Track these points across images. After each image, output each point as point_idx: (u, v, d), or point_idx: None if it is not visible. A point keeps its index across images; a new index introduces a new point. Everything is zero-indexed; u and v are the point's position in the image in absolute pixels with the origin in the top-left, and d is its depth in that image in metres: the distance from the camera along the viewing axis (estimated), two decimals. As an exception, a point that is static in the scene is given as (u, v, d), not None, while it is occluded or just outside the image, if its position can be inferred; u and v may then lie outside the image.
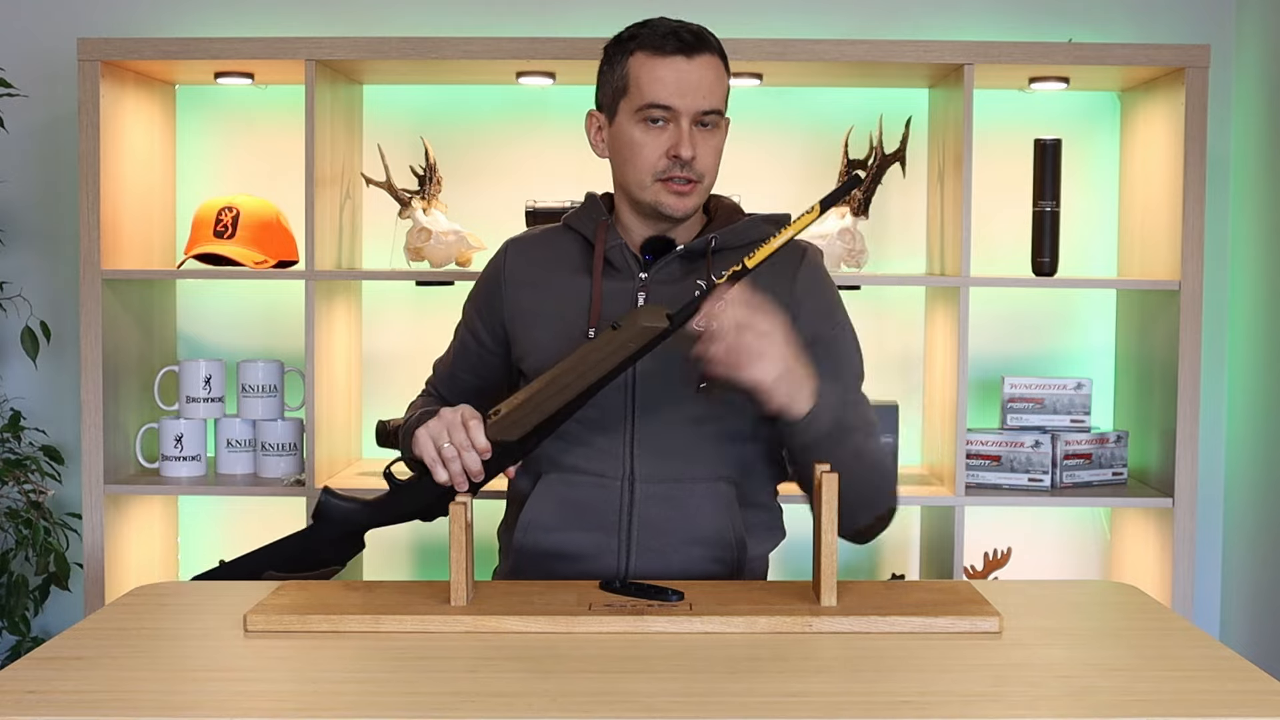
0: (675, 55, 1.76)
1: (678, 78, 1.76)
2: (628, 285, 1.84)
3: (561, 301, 1.85)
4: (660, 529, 1.80)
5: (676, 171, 1.78)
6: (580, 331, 1.81)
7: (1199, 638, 1.51)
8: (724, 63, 1.82)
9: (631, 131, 1.80)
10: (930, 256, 2.87)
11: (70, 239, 2.91)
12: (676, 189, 1.79)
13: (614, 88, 1.83)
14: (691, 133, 1.78)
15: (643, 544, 1.79)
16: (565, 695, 1.29)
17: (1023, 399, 2.75)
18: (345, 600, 1.58)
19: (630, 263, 1.85)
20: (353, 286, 2.89)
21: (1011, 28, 2.93)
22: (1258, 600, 2.85)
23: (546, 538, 1.81)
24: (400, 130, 2.90)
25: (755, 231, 1.87)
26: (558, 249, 1.90)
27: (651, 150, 1.79)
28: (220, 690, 1.33)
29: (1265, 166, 2.81)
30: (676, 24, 1.80)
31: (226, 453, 2.73)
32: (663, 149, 1.78)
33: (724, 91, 1.81)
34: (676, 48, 1.76)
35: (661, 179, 1.79)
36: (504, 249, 1.96)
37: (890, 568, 3.01)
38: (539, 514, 1.82)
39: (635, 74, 1.79)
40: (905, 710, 1.26)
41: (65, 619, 2.95)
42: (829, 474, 1.56)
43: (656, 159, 1.79)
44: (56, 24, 2.93)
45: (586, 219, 1.89)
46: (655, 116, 1.78)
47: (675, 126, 1.78)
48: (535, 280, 1.89)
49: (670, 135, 1.78)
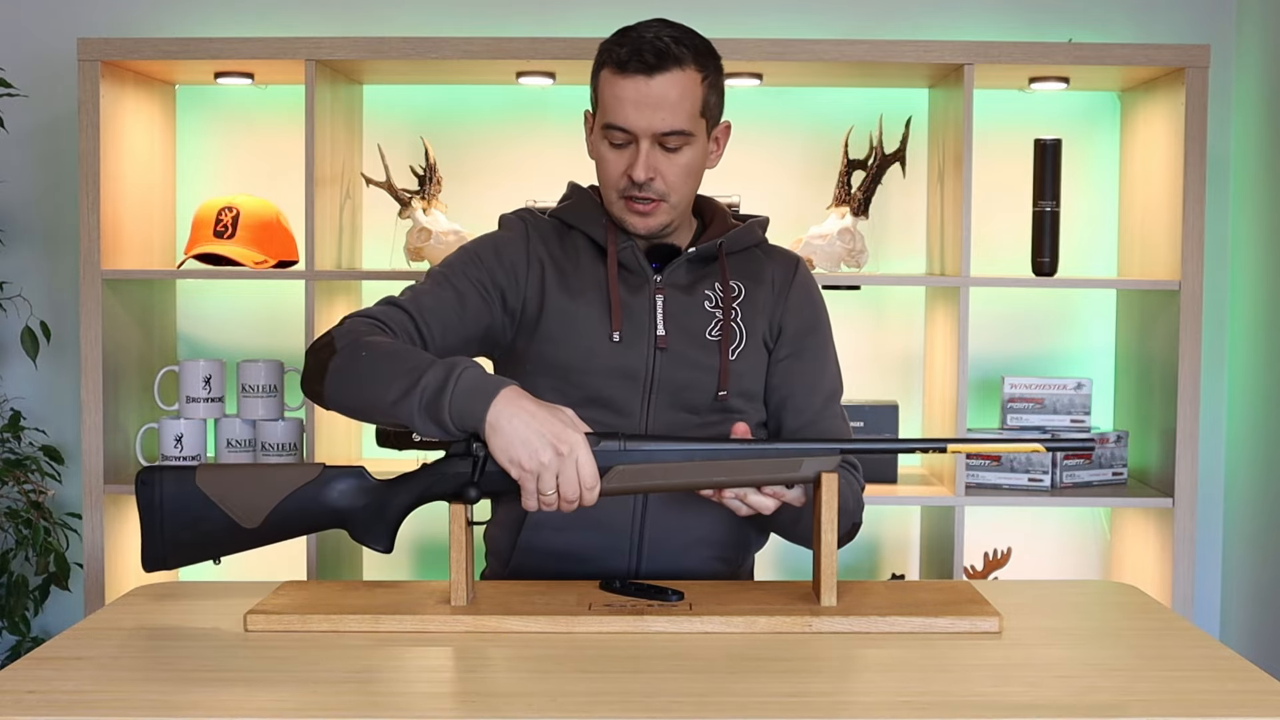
0: (636, 75, 1.73)
1: (636, 98, 1.74)
2: (643, 289, 1.83)
3: (586, 301, 1.81)
4: (671, 530, 1.80)
5: (635, 192, 1.78)
6: (605, 334, 1.79)
7: (1199, 638, 1.51)
8: (703, 72, 1.76)
9: (599, 147, 1.81)
10: (930, 256, 2.87)
11: (70, 239, 2.91)
12: (637, 208, 1.79)
13: (592, 99, 1.83)
14: (650, 154, 1.76)
15: (653, 544, 1.80)
16: (565, 695, 1.29)
17: (1023, 399, 2.75)
18: (345, 600, 1.58)
19: (643, 265, 1.83)
20: (353, 286, 2.89)
21: (1011, 28, 2.93)
22: (1258, 600, 2.85)
23: (557, 537, 1.80)
24: (400, 130, 2.90)
25: (754, 235, 1.90)
26: (570, 243, 1.87)
27: (613, 168, 1.79)
28: (220, 690, 1.33)
29: (1265, 166, 2.81)
30: (651, 36, 1.74)
31: (226, 453, 2.72)
32: (622, 168, 1.78)
33: (691, 109, 1.76)
34: (638, 67, 1.73)
35: (624, 197, 1.79)
36: (523, 226, 1.87)
37: (890, 568, 3.01)
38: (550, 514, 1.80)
39: (601, 90, 1.78)
40: (905, 710, 1.26)
41: (65, 619, 2.95)
42: (829, 474, 1.56)
43: (618, 177, 1.78)
44: (56, 24, 2.93)
45: (587, 217, 1.86)
46: (615, 139, 1.77)
47: (634, 147, 1.76)
48: (561, 271, 1.83)
49: (629, 156, 1.77)
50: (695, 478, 1.57)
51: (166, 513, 1.58)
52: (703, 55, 1.77)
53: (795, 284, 1.89)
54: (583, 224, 1.86)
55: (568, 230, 1.88)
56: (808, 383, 1.86)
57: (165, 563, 1.59)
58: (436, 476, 1.59)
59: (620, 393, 1.79)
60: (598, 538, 1.79)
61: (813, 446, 1.57)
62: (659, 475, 1.56)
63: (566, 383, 1.80)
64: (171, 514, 1.58)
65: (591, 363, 1.79)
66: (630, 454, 1.55)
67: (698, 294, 1.84)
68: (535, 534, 1.81)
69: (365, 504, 1.60)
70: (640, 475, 1.55)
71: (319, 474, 1.60)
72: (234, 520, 1.58)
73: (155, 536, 1.59)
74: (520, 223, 1.88)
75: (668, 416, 1.80)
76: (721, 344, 1.82)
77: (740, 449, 1.57)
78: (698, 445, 1.57)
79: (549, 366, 1.81)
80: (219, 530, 1.58)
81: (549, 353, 1.81)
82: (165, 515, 1.58)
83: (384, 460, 2.91)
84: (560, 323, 1.81)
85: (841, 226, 2.69)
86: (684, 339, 1.81)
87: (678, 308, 1.82)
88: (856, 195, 2.70)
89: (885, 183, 2.77)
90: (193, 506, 1.58)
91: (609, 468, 1.55)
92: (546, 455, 1.51)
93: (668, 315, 1.81)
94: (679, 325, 1.81)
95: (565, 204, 1.91)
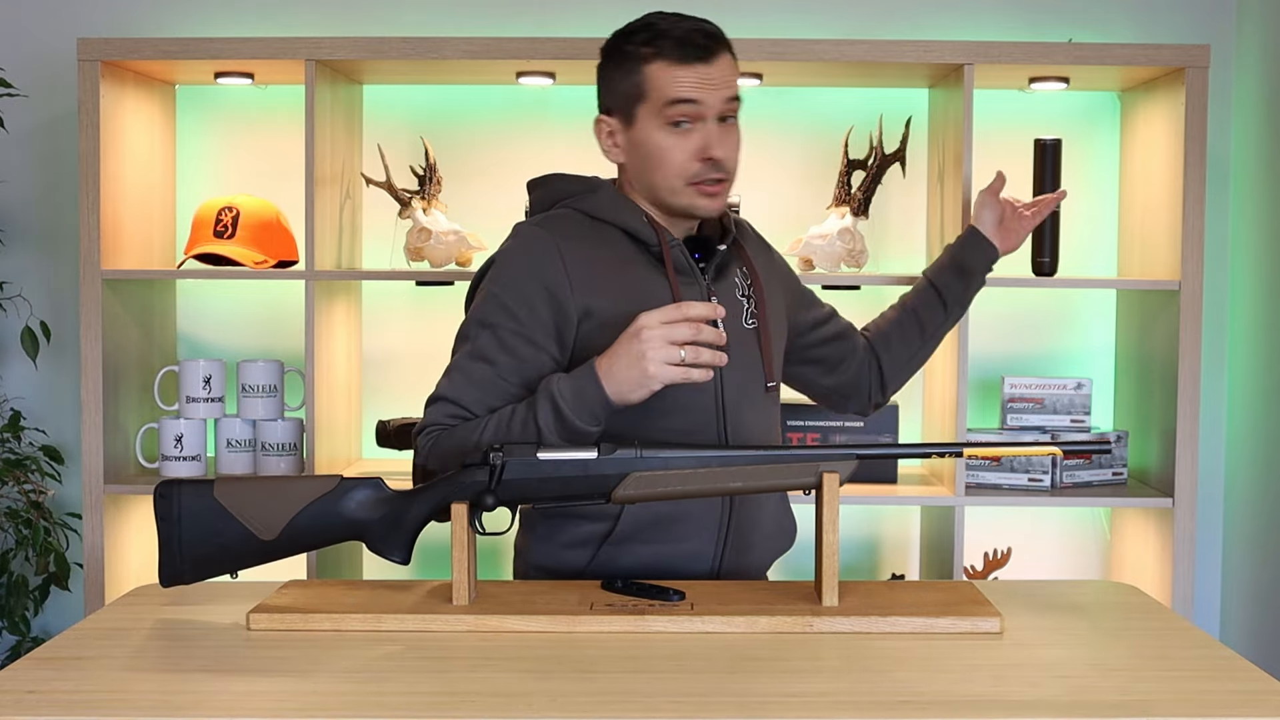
0: (696, 63, 1.74)
1: (702, 81, 1.74)
2: (694, 286, 1.80)
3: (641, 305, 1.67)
4: (752, 526, 1.82)
5: (709, 174, 1.76)
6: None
7: (1199, 638, 1.51)
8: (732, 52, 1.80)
9: (656, 136, 1.76)
10: (930, 256, 2.87)
11: (70, 239, 2.91)
12: (709, 190, 1.77)
13: (627, 94, 1.78)
14: (719, 131, 1.76)
15: (736, 545, 1.81)
16: (566, 695, 1.29)
17: (1023, 399, 2.75)
18: (347, 599, 1.58)
19: (691, 264, 1.81)
20: (353, 286, 2.89)
21: (1011, 28, 2.93)
22: (1258, 600, 2.85)
23: (646, 549, 1.77)
24: (400, 130, 2.90)
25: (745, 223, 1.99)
26: (607, 244, 1.79)
27: (680, 154, 1.76)
28: (220, 690, 1.33)
29: (1265, 166, 2.81)
30: (690, 25, 1.76)
31: (226, 453, 2.72)
32: (691, 152, 1.75)
33: (736, 84, 1.81)
34: (697, 54, 1.74)
35: (694, 182, 1.77)
36: (551, 242, 1.76)
37: (890, 568, 3.01)
38: (634, 526, 1.76)
39: (656, 80, 1.75)
40: (905, 710, 1.26)
41: (65, 619, 2.95)
42: (830, 474, 1.56)
43: (686, 162, 1.76)
44: (56, 24, 2.93)
45: (624, 212, 1.80)
46: (682, 117, 1.74)
47: (702, 127, 1.75)
48: (605, 280, 1.76)
49: (698, 137, 1.75)
50: (711, 484, 1.58)
51: (184, 526, 1.58)
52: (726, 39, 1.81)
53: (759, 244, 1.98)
54: (621, 219, 1.80)
55: (601, 225, 1.81)
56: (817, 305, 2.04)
57: (183, 577, 1.59)
58: (454, 486, 1.59)
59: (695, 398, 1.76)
60: (685, 546, 1.78)
61: (829, 452, 1.58)
62: (675, 482, 1.57)
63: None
64: (189, 527, 1.58)
65: None
66: (647, 461, 1.57)
67: (728, 283, 1.85)
68: (619, 548, 1.77)
69: (382, 515, 1.60)
70: (656, 482, 1.57)
71: (336, 485, 1.60)
72: (251, 532, 1.58)
73: (173, 551, 1.58)
74: (548, 249, 1.76)
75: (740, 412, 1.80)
76: (759, 333, 1.84)
77: (755, 455, 1.58)
78: (713, 453, 1.58)
79: None
80: (236, 543, 1.58)
81: None
82: (183, 529, 1.58)
83: (384, 460, 2.92)
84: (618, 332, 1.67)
85: (841, 226, 2.69)
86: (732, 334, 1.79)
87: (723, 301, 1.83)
88: (856, 195, 2.70)
89: (885, 183, 2.77)
90: (211, 519, 1.58)
91: (625, 475, 1.56)
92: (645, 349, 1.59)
93: None
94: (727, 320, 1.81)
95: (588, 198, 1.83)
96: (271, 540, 1.58)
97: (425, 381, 2.01)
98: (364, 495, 1.60)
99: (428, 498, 1.59)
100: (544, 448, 1.58)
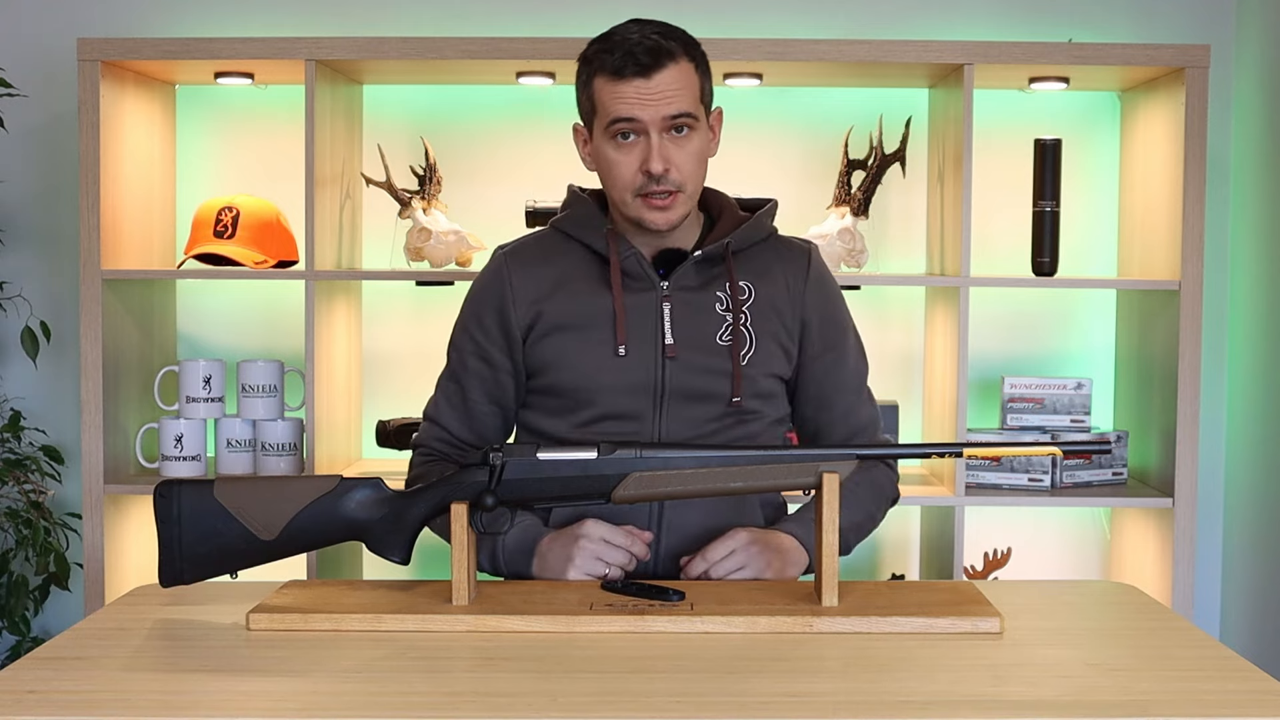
0: (634, 78, 1.74)
1: (639, 95, 1.74)
2: (650, 296, 1.82)
3: (583, 316, 1.81)
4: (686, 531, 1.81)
5: (653, 186, 1.76)
6: (609, 349, 1.79)
7: (1199, 638, 1.51)
8: (694, 61, 1.78)
9: (606, 150, 1.79)
10: (930, 256, 2.87)
11: (70, 239, 2.91)
12: (656, 204, 1.78)
13: (584, 108, 1.83)
14: (662, 144, 1.75)
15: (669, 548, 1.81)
16: (566, 695, 1.29)
17: (1023, 399, 2.75)
18: (347, 600, 1.58)
19: (648, 271, 1.82)
20: (353, 286, 2.89)
21: (1011, 28, 2.93)
22: (1258, 600, 2.85)
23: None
24: (400, 130, 2.90)
25: (762, 229, 1.89)
26: (563, 259, 1.86)
27: (625, 168, 1.77)
28: (220, 690, 1.33)
29: (1265, 166, 2.81)
30: (637, 37, 1.75)
31: (226, 453, 2.72)
32: (635, 165, 1.77)
33: (693, 93, 1.77)
34: (635, 70, 1.73)
35: (640, 195, 1.78)
36: (502, 265, 1.88)
37: (890, 568, 3.01)
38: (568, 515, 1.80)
39: (598, 96, 1.78)
40: (905, 710, 1.26)
41: (65, 619, 2.95)
42: (830, 474, 1.56)
43: (632, 176, 1.77)
44: (56, 24, 2.93)
45: (588, 226, 1.86)
46: (623, 131, 1.76)
47: (645, 140, 1.76)
48: (548, 295, 1.84)
49: (640, 150, 1.76)
50: (711, 484, 1.58)
51: (184, 526, 1.58)
52: (689, 45, 1.79)
53: (811, 279, 1.89)
54: (582, 234, 1.86)
55: (568, 241, 1.88)
56: (842, 379, 1.91)
57: (183, 577, 1.59)
58: (454, 486, 1.60)
59: (632, 405, 1.80)
60: None
61: (829, 452, 1.58)
62: (675, 482, 1.58)
63: (576, 402, 1.81)
64: (189, 527, 1.58)
65: (598, 380, 1.80)
66: (646, 461, 1.57)
67: (709, 295, 1.83)
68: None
69: (382, 515, 1.60)
70: (656, 482, 1.58)
71: (336, 485, 1.60)
72: (251, 532, 1.58)
73: (173, 551, 1.58)
74: (499, 270, 1.88)
75: (682, 424, 1.81)
76: (733, 349, 1.81)
77: (756, 455, 1.58)
78: (713, 452, 1.59)
79: (557, 389, 1.82)
80: (237, 543, 1.58)
81: (554, 377, 1.83)
82: (183, 529, 1.58)
83: (384, 460, 2.92)
84: (561, 347, 1.82)
85: (841, 226, 2.69)
86: (694, 346, 1.81)
87: (687, 312, 1.82)
88: (856, 195, 2.70)
89: (885, 183, 2.77)
90: (210, 519, 1.58)
91: (625, 475, 1.57)
92: (574, 553, 1.70)
93: (676, 322, 1.81)
94: (689, 331, 1.81)
95: (564, 215, 1.90)
96: (271, 540, 1.58)
97: (425, 381, 2.02)
98: (364, 495, 1.60)
99: (428, 498, 1.60)
100: (544, 448, 1.59)
